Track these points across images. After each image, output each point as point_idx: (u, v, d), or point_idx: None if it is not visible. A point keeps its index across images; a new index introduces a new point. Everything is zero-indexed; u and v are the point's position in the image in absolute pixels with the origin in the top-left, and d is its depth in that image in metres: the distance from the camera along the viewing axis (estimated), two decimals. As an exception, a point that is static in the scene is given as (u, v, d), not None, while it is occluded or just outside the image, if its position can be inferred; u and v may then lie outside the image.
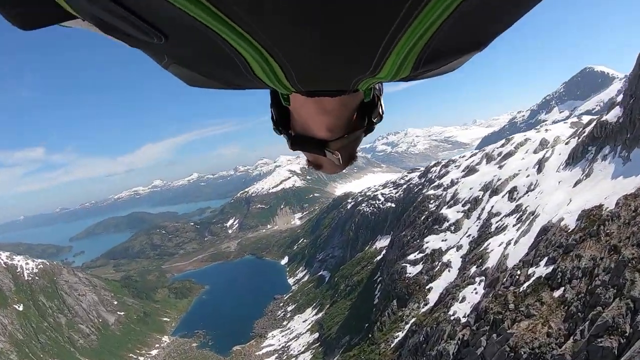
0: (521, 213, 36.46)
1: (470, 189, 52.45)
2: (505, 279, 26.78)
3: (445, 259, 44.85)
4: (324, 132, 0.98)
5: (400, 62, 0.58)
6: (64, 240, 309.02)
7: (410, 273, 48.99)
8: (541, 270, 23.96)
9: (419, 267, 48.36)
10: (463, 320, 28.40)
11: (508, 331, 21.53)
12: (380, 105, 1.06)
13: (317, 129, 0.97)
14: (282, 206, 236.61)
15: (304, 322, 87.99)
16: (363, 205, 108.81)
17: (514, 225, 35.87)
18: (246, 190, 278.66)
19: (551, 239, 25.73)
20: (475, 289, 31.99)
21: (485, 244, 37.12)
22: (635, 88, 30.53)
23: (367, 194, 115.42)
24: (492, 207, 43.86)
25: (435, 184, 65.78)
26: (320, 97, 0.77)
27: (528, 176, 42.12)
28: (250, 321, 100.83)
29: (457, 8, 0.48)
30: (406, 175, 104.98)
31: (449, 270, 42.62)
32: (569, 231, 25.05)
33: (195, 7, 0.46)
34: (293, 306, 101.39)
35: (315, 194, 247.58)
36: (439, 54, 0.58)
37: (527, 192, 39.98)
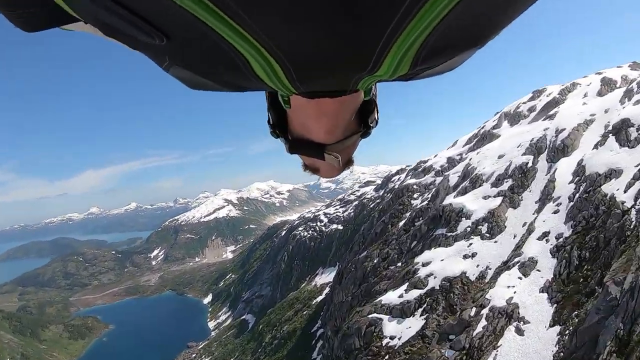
0: None
1: (500, 157, 30.57)
2: None
3: (495, 299, 18.39)
4: (322, 135, 0.90)
5: (399, 59, 0.55)
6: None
7: (393, 337, 21.04)
8: None
9: (416, 324, 20.88)
10: None
11: None
12: (377, 110, 1.01)
13: (316, 131, 0.90)
14: (213, 237, 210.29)
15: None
16: (300, 229, 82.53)
17: None
18: (176, 218, 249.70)
19: None
20: None
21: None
22: None
23: (306, 216, 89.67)
24: (582, 170, 22.70)
25: (420, 169, 43.69)
26: (320, 99, 0.71)
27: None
28: (152, 376, 76.73)
29: (455, 5, 0.45)
30: (357, 190, 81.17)
31: (517, 332, 16.42)
32: None
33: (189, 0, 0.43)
34: (207, 360, 73.81)
35: (251, 225, 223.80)
36: (437, 51, 0.55)
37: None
